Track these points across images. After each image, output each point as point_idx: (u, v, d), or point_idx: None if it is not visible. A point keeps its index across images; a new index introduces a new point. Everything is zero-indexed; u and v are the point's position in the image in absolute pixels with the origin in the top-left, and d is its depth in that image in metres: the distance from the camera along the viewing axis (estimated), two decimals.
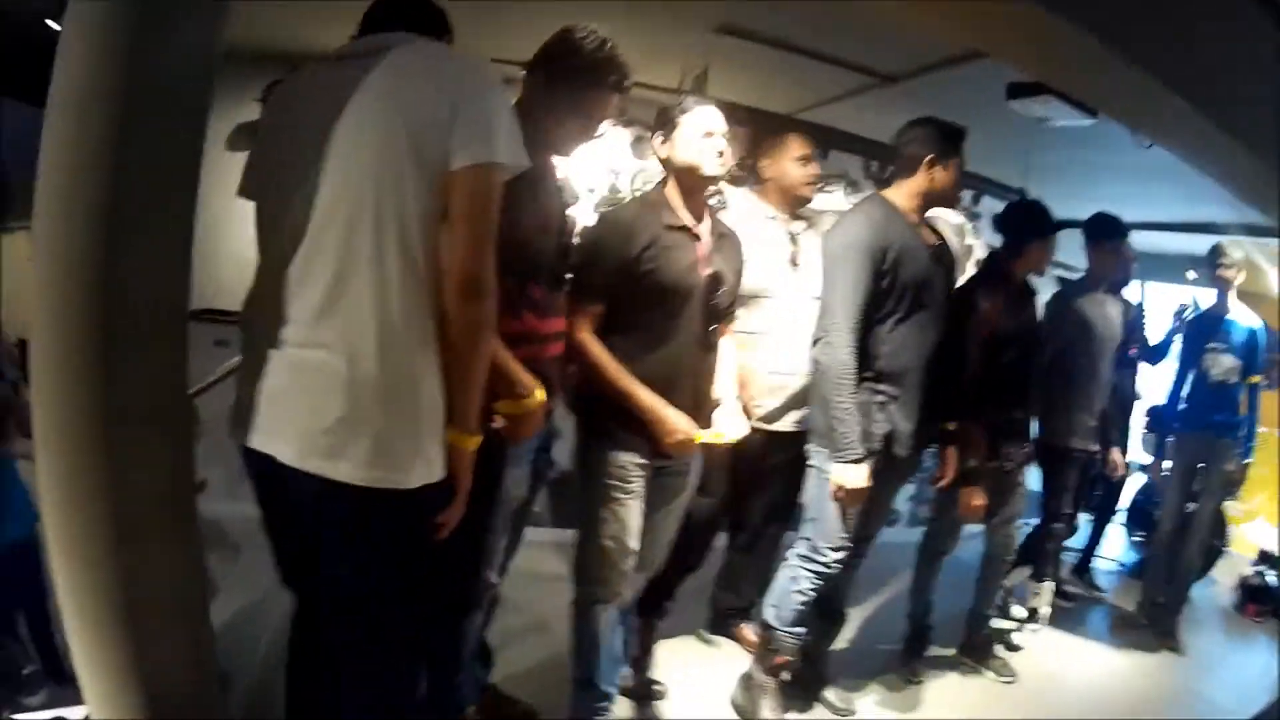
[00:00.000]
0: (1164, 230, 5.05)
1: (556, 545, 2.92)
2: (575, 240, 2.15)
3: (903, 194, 2.55)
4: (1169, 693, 3.51)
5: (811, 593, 2.54)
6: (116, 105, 1.18)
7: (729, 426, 2.30)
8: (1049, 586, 3.82)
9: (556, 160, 2.04)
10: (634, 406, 2.11)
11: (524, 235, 1.81)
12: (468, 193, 1.39)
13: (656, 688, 2.71)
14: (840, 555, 2.51)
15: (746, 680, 2.73)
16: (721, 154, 2.16)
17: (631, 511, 2.20)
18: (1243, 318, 3.90)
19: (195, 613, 1.44)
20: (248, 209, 1.55)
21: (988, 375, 2.88)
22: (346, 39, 1.61)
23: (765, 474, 2.77)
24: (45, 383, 1.25)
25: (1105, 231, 3.49)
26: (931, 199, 2.57)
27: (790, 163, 2.75)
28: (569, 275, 2.09)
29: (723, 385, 2.36)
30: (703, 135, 2.16)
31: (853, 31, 3.31)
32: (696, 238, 2.22)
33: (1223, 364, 3.83)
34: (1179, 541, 3.99)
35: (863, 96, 3.96)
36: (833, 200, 5.38)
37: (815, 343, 2.49)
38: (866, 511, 2.51)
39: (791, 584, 2.56)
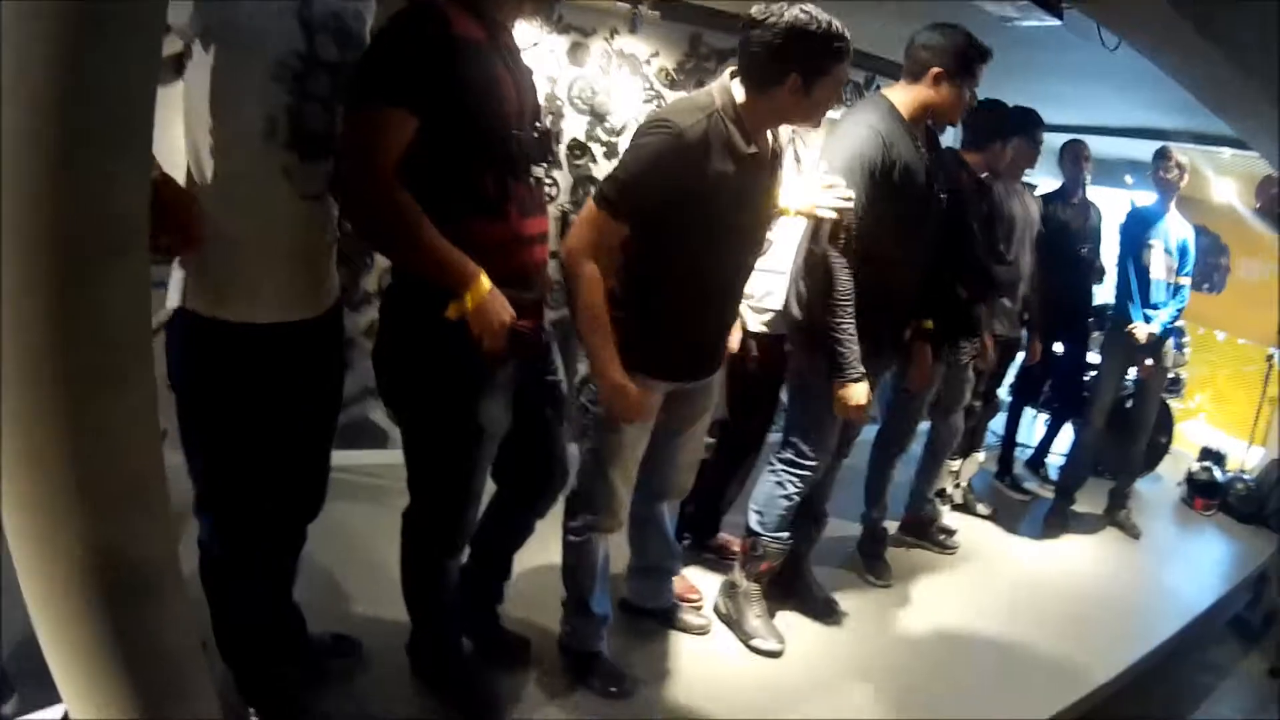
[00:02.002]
0: (1106, 134, 5.01)
1: None
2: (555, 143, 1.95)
3: (906, 97, 2.41)
4: (1130, 581, 3.67)
5: (796, 497, 2.56)
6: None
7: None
8: (972, 460, 4.01)
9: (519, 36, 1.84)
10: (592, 366, 1.96)
11: (496, 123, 1.66)
12: None
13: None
14: (825, 459, 2.54)
15: (730, 587, 2.73)
16: None
17: (641, 440, 2.09)
18: (1177, 220, 3.96)
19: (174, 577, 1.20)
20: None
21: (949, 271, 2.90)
22: None
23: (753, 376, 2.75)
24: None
25: (1020, 126, 3.40)
26: (931, 112, 2.41)
27: None
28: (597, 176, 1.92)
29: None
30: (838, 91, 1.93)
31: None
32: (762, 167, 1.96)
33: (1158, 261, 3.90)
34: (1122, 433, 4.16)
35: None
36: None
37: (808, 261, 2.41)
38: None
39: (777, 489, 2.57)
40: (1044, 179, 4.61)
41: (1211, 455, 4.98)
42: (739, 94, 1.89)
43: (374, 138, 1.54)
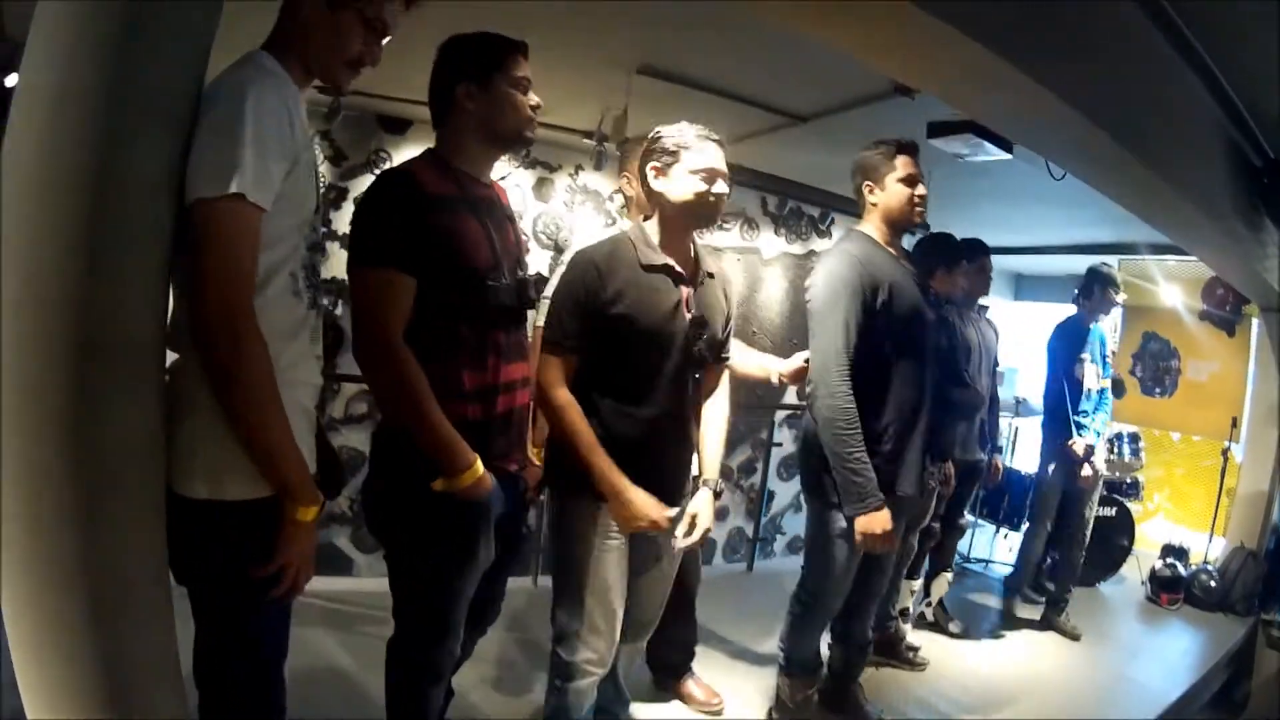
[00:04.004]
0: (1052, 253, 5.33)
1: None
2: (540, 280, 2.01)
3: (872, 223, 2.51)
4: (1102, 680, 3.74)
5: (817, 633, 2.59)
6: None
7: (700, 518, 2.09)
8: (941, 580, 3.99)
9: (506, 186, 1.93)
10: (597, 482, 1.93)
11: (470, 274, 1.70)
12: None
13: None
14: (839, 600, 2.54)
15: (781, 707, 2.74)
16: (723, 196, 2.01)
17: (619, 570, 2.03)
18: (1101, 329, 4.20)
19: (162, 601, 1.30)
20: None
21: None
22: None
23: None
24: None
25: (968, 253, 3.57)
26: (890, 221, 2.48)
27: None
28: (539, 321, 1.97)
29: (707, 452, 2.18)
30: (704, 173, 1.96)
31: (769, 71, 3.37)
32: (680, 279, 2.02)
33: (1090, 372, 4.10)
34: (1062, 542, 4.28)
35: (777, 134, 4.02)
36: (729, 238, 5.54)
37: (809, 398, 2.42)
38: (867, 555, 2.48)
39: (794, 628, 2.59)
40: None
41: (1174, 551, 5.12)
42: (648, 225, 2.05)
43: (375, 298, 1.62)
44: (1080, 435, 4.02)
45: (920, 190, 2.45)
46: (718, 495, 2.15)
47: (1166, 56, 2.80)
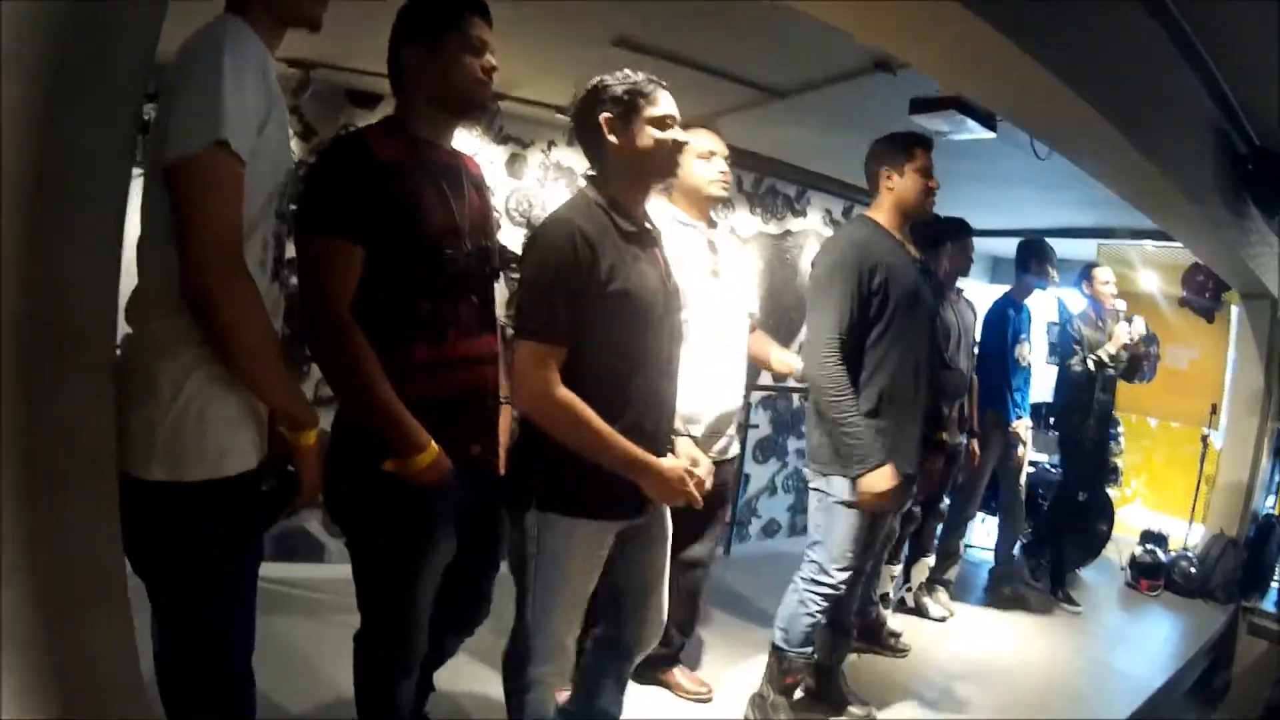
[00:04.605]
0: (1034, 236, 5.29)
1: None
2: (506, 252, 1.91)
3: (880, 212, 2.61)
4: (1084, 665, 3.75)
5: (819, 614, 2.58)
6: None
7: (701, 460, 1.97)
8: (921, 565, 4.03)
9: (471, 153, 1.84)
10: (624, 466, 1.74)
11: (425, 244, 1.64)
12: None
13: None
14: (847, 575, 2.55)
15: (759, 699, 2.73)
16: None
17: (592, 584, 1.88)
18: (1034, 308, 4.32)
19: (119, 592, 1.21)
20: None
21: None
22: None
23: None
24: None
25: (951, 233, 3.58)
26: (903, 210, 2.59)
27: (696, 159, 2.56)
28: (512, 300, 1.81)
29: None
30: (664, 120, 1.82)
31: (749, 45, 3.28)
32: (655, 243, 1.90)
33: (1024, 351, 4.16)
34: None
35: (756, 110, 3.93)
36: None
37: (804, 368, 2.51)
38: (872, 527, 2.54)
39: (800, 606, 2.61)
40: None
41: (1153, 537, 5.13)
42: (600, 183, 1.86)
43: (321, 268, 1.57)
44: (1020, 416, 4.05)
45: (934, 183, 2.58)
46: None
47: (1159, 41, 2.78)
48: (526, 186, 3.97)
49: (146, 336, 1.31)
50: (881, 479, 2.37)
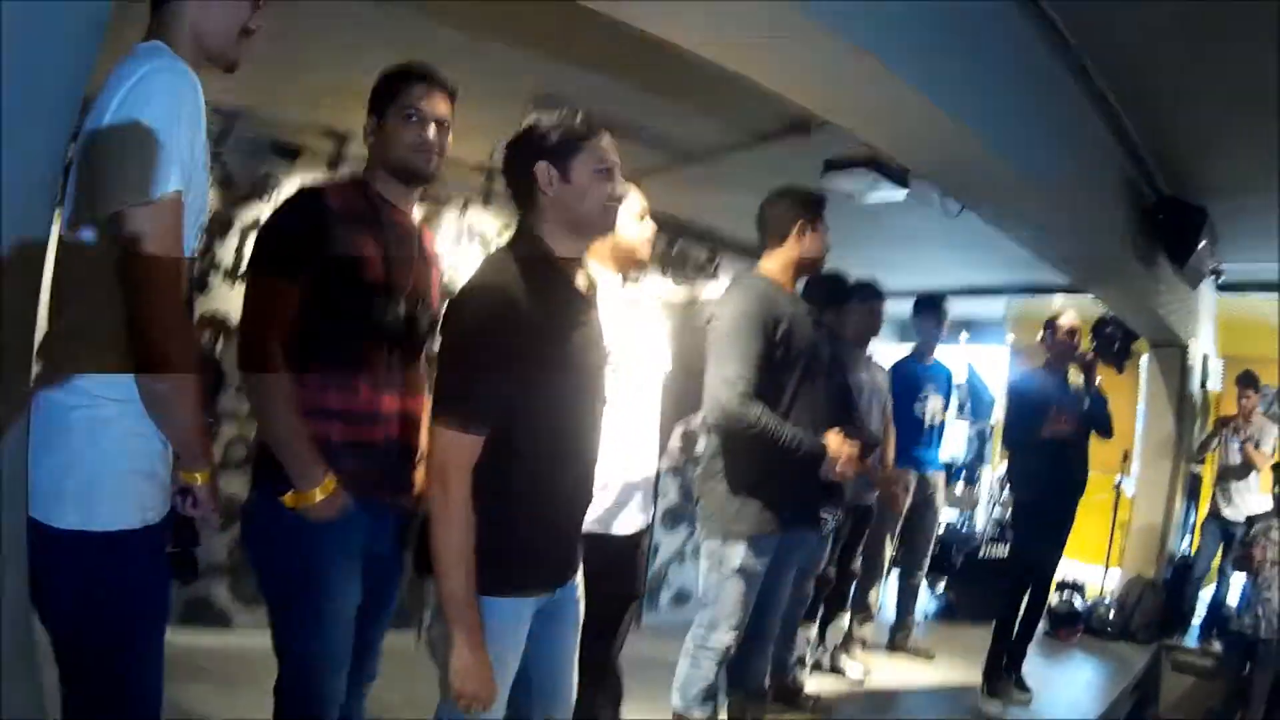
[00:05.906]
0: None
1: None
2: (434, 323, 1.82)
3: (777, 265, 2.57)
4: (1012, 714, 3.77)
5: (712, 676, 2.53)
6: None
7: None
8: (837, 625, 4.01)
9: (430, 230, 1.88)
10: (446, 607, 1.49)
11: (352, 294, 1.69)
12: None
13: None
14: (733, 634, 2.50)
15: None
16: (623, 195, 1.79)
17: (513, 667, 1.62)
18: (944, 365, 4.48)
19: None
20: None
21: None
22: None
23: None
24: None
25: (859, 293, 3.56)
26: (802, 266, 2.59)
27: (632, 216, 2.32)
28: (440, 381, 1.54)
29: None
30: (608, 170, 1.58)
31: (666, 108, 3.33)
32: (592, 305, 1.67)
33: (930, 408, 4.29)
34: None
35: (671, 172, 3.99)
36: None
37: (709, 419, 2.44)
38: (766, 590, 2.53)
39: (693, 669, 2.54)
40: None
41: (1070, 586, 5.19)
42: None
43: (253, 303, 1.68)
44: (924, 473, 4.21)
45: (828, 240, 2.58)
46: None
47: (1071, 92, 2.89)
48: (439, 248, 3.88)
49: (62, 371, 1.26)
50: (831, 450, 2.42)
